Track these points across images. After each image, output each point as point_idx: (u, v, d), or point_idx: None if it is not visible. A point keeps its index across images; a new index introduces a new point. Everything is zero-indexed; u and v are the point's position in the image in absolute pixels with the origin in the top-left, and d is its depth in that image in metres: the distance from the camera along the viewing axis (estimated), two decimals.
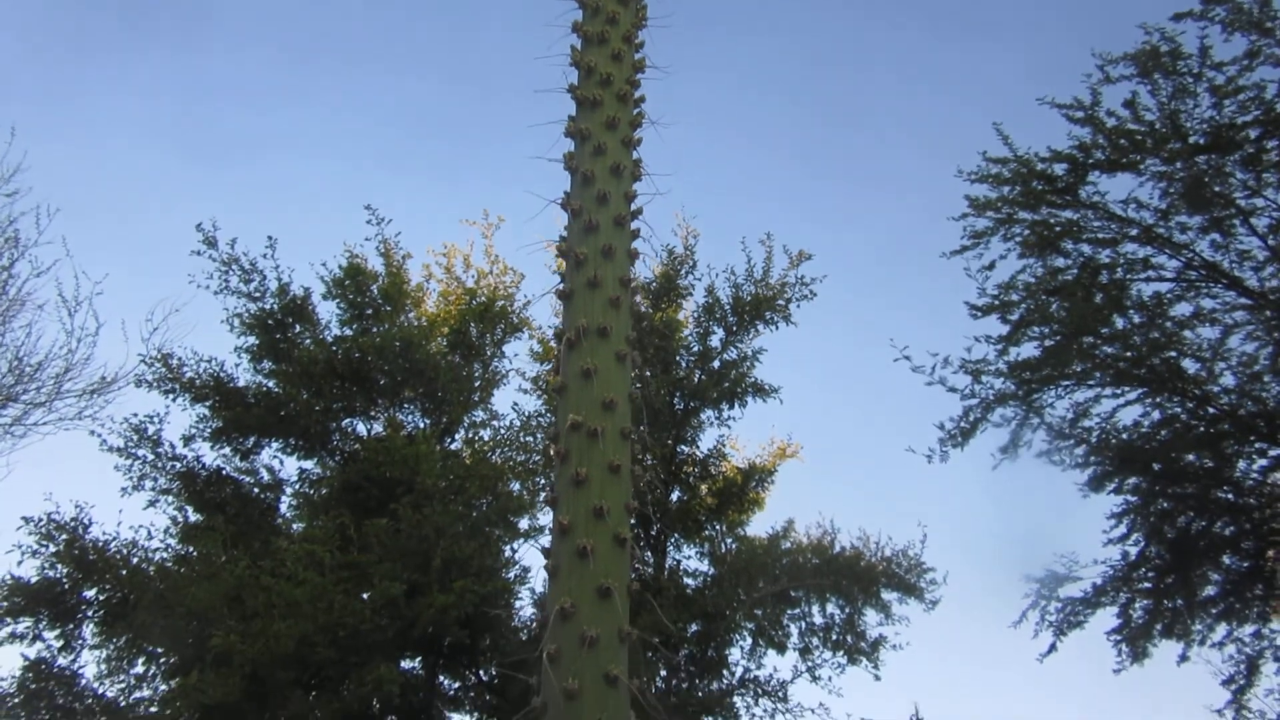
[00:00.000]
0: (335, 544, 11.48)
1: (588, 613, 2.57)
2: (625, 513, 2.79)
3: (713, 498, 15.22)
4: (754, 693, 14.46)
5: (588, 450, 2.81)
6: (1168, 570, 11.66)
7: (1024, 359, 11.31)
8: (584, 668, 2.49)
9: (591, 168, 3.44)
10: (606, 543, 2.67)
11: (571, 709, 2.40)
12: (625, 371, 2.99)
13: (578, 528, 2.69)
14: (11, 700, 12.45)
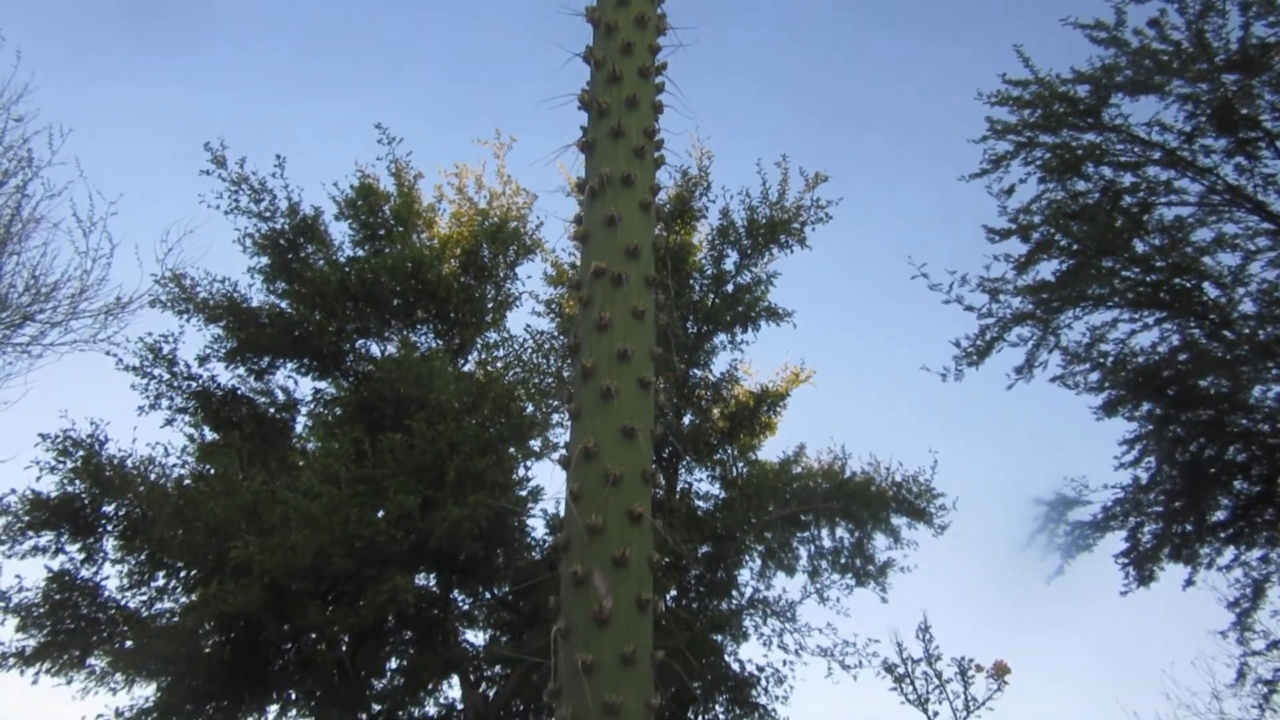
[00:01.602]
0: (350, 459, 11.58)
1: (611, 452, 2.55)
2: (649, 358, 2.76)
3: (725, 421, 15.27)
4: (763, 613, 14.69)
5: (611, 296, 2.76)
6: (1178, 494, 11.69)
7: (1042, 280, 11.21)
8: (607, 503, 2.49)
9: (615, 18, 3.30)
10: (630, 385, 2.64)
11: (596, 543, 2.40)
12: (649, 220, 2.93)
13: (601, 370, 2.65)
14: (37, 610, 12.75)
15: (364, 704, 14.00)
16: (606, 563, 2.38)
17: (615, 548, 2.37)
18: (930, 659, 7.45)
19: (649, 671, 2.26)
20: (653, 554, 2.55)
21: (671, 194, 14.97)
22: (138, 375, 14.49)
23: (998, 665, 6.93)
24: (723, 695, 14.08)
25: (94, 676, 12.61)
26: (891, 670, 7.91)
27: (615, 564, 2.36)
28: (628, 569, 2.39)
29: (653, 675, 2.27)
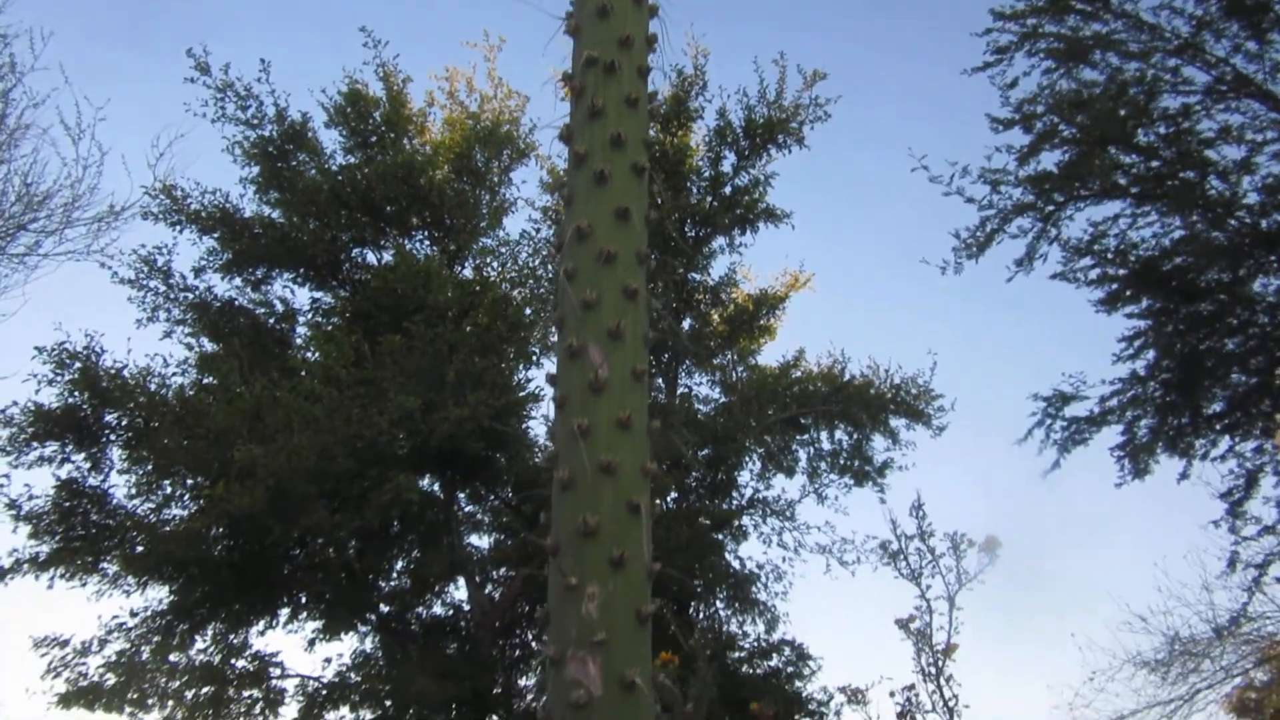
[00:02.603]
0: (350, 361, 11.60)
1: (604, 234, 2.52)
2: (642, 146, 2.70)
3: (724, 325, 15.27)
4: (762, 513, 14.90)
5: (604, 84, 2.69)
6: (1175, 386, 11.74)
7: (1044, 170, 11.06)
8: (601, 280, 2.47)
9: None
10: (623, 170, 2.59)
11: (590, 317, 2.39)
12: (642, 11, 2.82)
13: (594, 156, 2.60)
14: (48, 518, 12.92)
15: (372, 606, 14.31)
16: (601, 336, 2.38)
17: (609, 321, 2.36)
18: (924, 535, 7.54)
19: (645, 439, 2.27)
20: (647, 331, 2.53)
21: (667, 94, 14.70)
22: (134, 288, 14.45)
23: (989, 539, 7.01)
24: (723, 592, 14.38)
25: (107, 580, 12.85)
26: (886, 547, 8.03)
27: (610, 337, 2.35)
28: (622, 341, 2.39)
29: (649, 444, 2.28)
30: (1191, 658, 14.19)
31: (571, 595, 1.95)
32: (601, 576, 1.97)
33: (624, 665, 1.76)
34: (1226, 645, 14.32)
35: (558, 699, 1.79)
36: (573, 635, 1.84)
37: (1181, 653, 14.29)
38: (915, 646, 6.76)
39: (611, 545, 2.01)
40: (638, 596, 1.99)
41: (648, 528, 2.11)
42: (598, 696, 1.73)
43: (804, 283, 16.05)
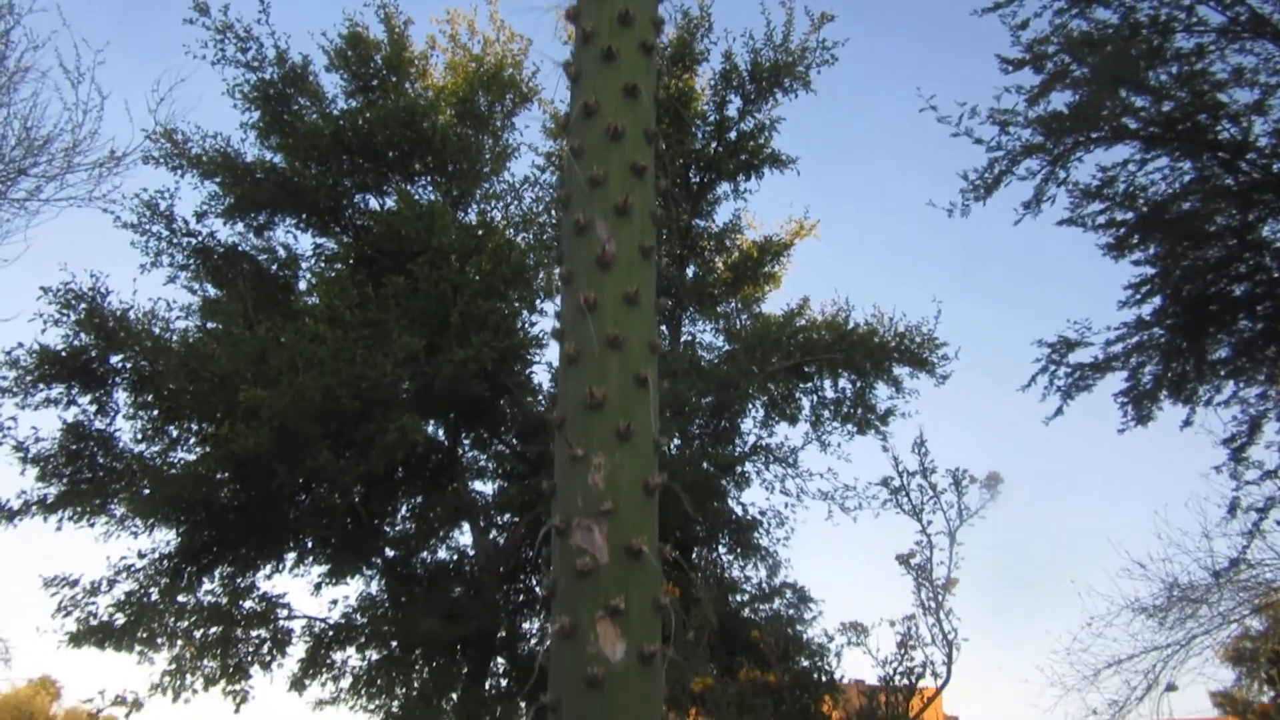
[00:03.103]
0: (354, 303, 11.58)
1: (612, 110, 2.46)
2: (650, 24, 2.63)
3: (728, 273, 15.20)
4: (765, 459, 14.96)
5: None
6: (1181, 331, 11.70)
7: (1054, 111, 10.91)
8: (609, 156, 2.43)
9: None
10: (632, 48, 2.52)
11: (598, 194, 2.36)
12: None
13: (601, 33, 2.50)
14: (55, 460, 13.01)
15: (377, 550, 14.45)
16: (609, 212, 2.35)
17: (617, 197, 2.33)
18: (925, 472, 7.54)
19: (653, 315, 2.26)
20: (655, 208, 2.51)
21: (672, 37, 14.49)
22: (136, 232, 14.42)
23: (991, 475, 7.01)
24: (725, 538, 14.49)
25: (114, 521, 12.98)
26: (887, 483, 8.05)
27: (617, 213, 2.33)
28: (630, 218, 2.36)
29: (656, 320, 2.27)
30: (1189, 604, 14.31)
31: (578, 466, 1.94)
32: (608, 448, 1.97)
33: (631, 534, 1.77)
34: (1224, 592, 14.43)
35: (563, 568, 1.80)
36: (579, 505, 1.84)
37: (1180, 599, 14.41)
38: (915, 581, 6.78)
39: (618, 417, 2.00)
40: (645, 468, 1.99)
41: (655, 402, 2.10)
42: (603, 564, 1.74)
43: (809, 230, 15.95)
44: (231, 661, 12.67)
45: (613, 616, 1.67)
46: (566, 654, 1.66)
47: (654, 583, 1.78)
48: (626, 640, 1.65)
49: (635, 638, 1.66)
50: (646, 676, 1.65)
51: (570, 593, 1.72)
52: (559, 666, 1.69)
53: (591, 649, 1.63)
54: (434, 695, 11.65)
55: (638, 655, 1.64)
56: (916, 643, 6.55)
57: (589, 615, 1.67)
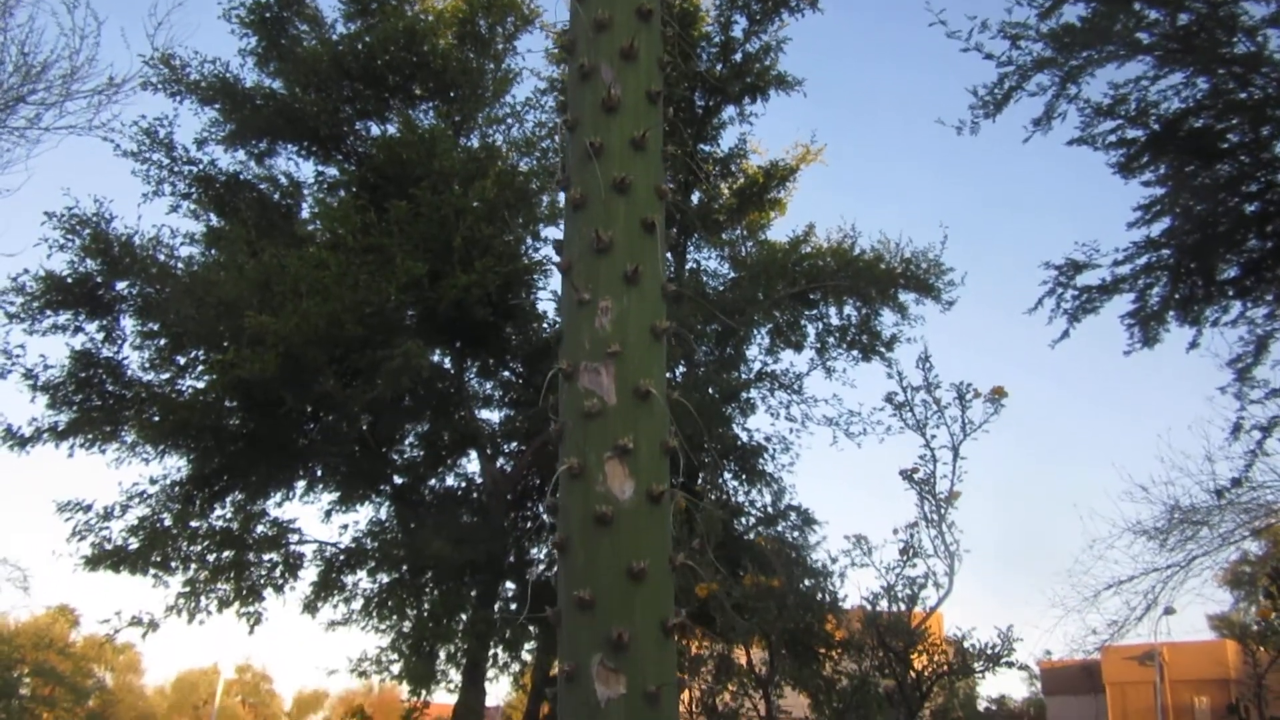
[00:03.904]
0: (357, 228, 11.52)
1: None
2: None
3: (734, 198, 15.06)
4: (770, 386, 15.00)
5: None
6: (1189, 250, 11.59)
7: (1067, 24, 10.66)
8: (614, 0, 2.38)
9: None
10: None
11: (603, 38, 2.32)
12: None
13: None
14: (65, 388, 13.10)
15: (386, 478, 14.61)
16: (614, 56, 2.29)
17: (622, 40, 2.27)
18: (930, 387, 7.53)
19: (659, 161, 2.23)
20: (661, 54, 2.45)
21: None
22: (137, 161, 14.31)
23: (995, 390, 7.02)
24: (730, 464, 14.60)
25: (125, 447, 13.13)
26: (892, 399, 8.06)
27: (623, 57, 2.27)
28: (636, 62, 2.30)
29: (663, 167, 2.24)
30: (1190, 525, 14.46)
31: (584, 310, 1.93)
32: (615, 292, 1.95)
33: (638, 376, 1.76)
34: (1225, 514, 14.57)
35: (571, 410, 1.79)
36: (585, 349, 1.83)
37: (1181, 521, 14.55)
38: (919, 495, 6.82)
39: (625, 260, 1.98)
40: (653, 312, 1.97)
41: (662, 247, 2.08)
42: (611, 405, 1.73)
43: (815, 155, 15.74)
44: (245, 585, 12.91)
45: (621, 456, 1.67)
46: (575, 493, 1.67)
47: (661, 425, 1.78)
48: (635, 480, 1.65)
49: (644, 477, 1.66)
50: (655, 515, 1.66)
51: (578, 434, 1.72)
52: (567, 506, 1.70)
53: (600, 488, 1.64)
54: (444, 616, 11.87)
55: (646, 494, 1.65)
56: (919, 554, 6.62)
57: (597, 455, 1.68)
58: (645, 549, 1.57)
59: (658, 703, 1.50)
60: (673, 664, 1.56)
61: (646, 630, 1.53)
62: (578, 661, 1.52)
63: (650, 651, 1.52)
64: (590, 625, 1.53)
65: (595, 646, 1.52)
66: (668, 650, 1.56)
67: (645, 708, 1.49)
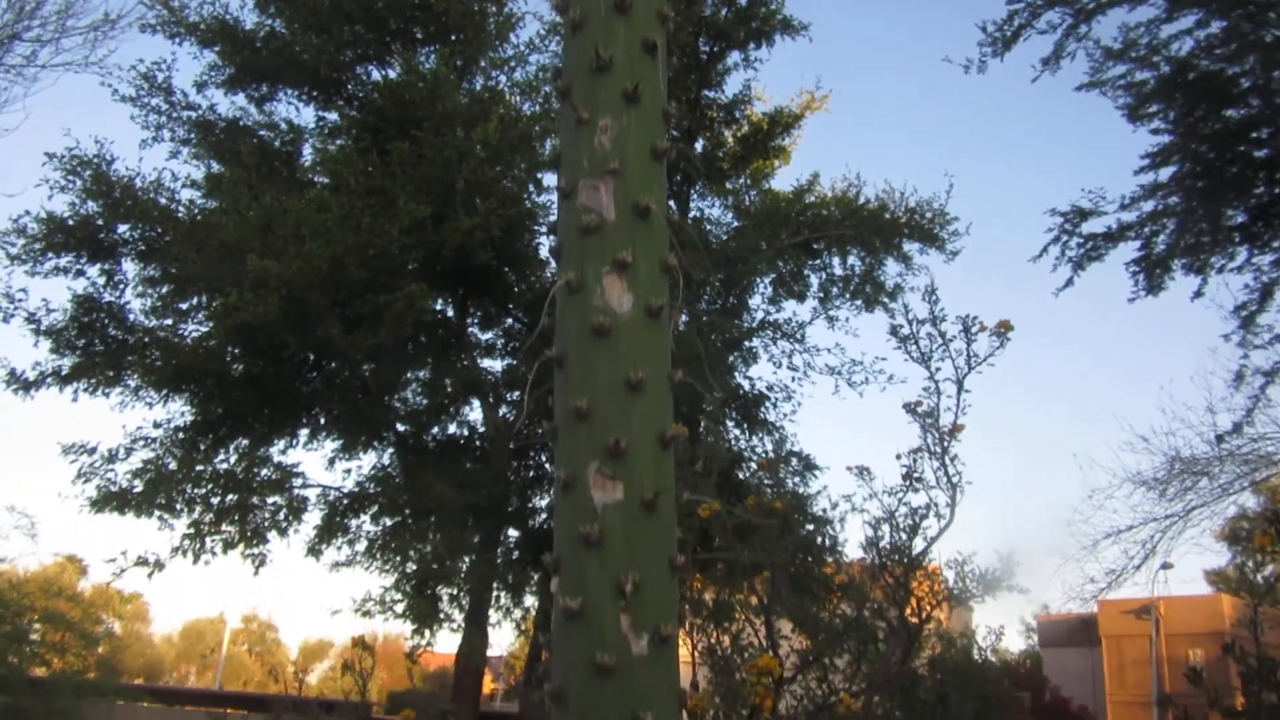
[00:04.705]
0: (359, 170, 11.44)
1: None
2: None
3: (737, 145, 14.94)
4: (773, 335, 14.98)
5: None
6: (1197, 195, 11.50)
7: None
8: None
9: None
10: None
11: None
12: None
13: None
14: (68, 333, 13.12)
15: (389, 425, 14.65)
16: None
17: None
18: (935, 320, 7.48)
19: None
20: None
21: None
22: (135, 105, 14.19)
23: (1001, 323, 6.95)
24: (732, 412, 14.63)
25: (129, 391, 13.17)
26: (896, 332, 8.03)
27: None
28: None
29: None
30: (1190, 476, 14.50)
31: (583, 129, 1.88)
32: (614, 111, 1.91)
33: (637, 193, 1.74)
34: (1226, 465, 14.60)
35: (568, 228, 1.77)
36: (584, 167, 1.79)
37: (1181, 471, 14.59)
38: (921, 428, 6.82)
39: (625, 80, 1.94)
40: (653, 132, 1.93)
41: (663, 71, 2.04)
42: (610, 221, 1.71)
43: (820, 103, 15.58)
44: (249, 527, 13.00)
45: (619, 270, 1.65)
46: (572, 308, 1.66)
47: (661, 242, 1.75)
48: (633, 294, 1.63)
49: (643, 292, 1.64)
50: (653, 329, 1.65)
51: (575, 250, 1.70)
52: (565, 321, 1.68)
53: (598, 301, 1.62)
54: (446, 558, 11.97)
55: (645, 309, 1.63)
56: (921, 482, 6.64)
57: (595, 270, 1.66)
58: (643, 361, 1.56)
59: (655, 509, 1.49)
60: (670, 474, 1.55)
61: (644, 439, 1.52)
62: (574, 471, 1.51)
63: (648, 460, 1.51)
64: (587, 434, 1.52)
65: (592, 455, 1.51)
66: (665, 460, 1.55)
67: (643, 514, 1.48)
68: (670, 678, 1.52)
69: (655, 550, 1.53)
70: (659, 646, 1.50)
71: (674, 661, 1.52)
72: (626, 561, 1.50)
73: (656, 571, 1.52)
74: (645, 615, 1.48)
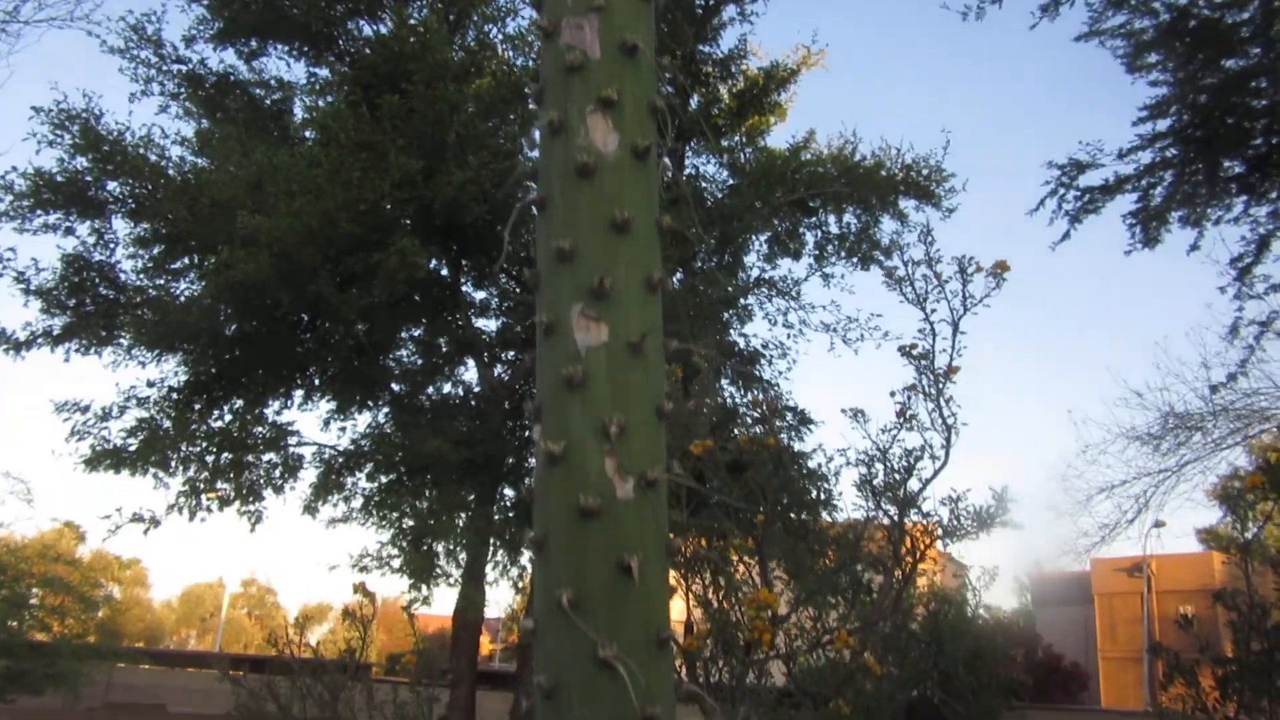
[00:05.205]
0: (349, 124, 11.31)
1: None
2: None
3: (734, 101, 14.79)
4: (768, 293, 14.93)
5: None
6: (1195, 144, 11.42)
7: None
8: None
9: None
10: None
11: None
12: None
13: None
14: (58, 292, 13.01)
15: (383, 384, 14.63)
16: None
17: None
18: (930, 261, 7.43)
19: None
20: None
21: None
22: (124, 58, 14.02)
23: (997, 263, 6.91)
24: (727, 370, 14.60)
25: (121, 350, 13.10)
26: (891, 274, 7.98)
27: None
28: None
29: None
30: (1184, 430, 14.55)
31: None
32: None
33: (623, 30, 1.65)
34: (1219, 419, 14.64)
35: (551, 67, 1.68)
36: (568, 4, 1.70)
37: (1175, 426, 14.64)
38: (917, 370, 6.78)
39: None
40: None
41: None
42: (594, 59, 1.64)
43: (816, 59, 15.40)
44: (244, 484, 13.00)
45: (604, 109, 1.59)
46: (555, 149, 1.60)
47: (649, 84, 1.68)
48: (619, 134, 1.58)
49: (629, 133, 1.58)
50: (640, 170, 1.59)
51: (559, 89, 1.63)
52: (548, 162, 1.62)
53: (581, 141, 1.56)
54: (443, 514, 11.98)
55: (631, 149, 1.58)
56: (915, 425, 6.61)
57: (579, 110, 1.59)
58: (629, 201, 1.52)
59: (641, 352, 1.45)
60: (658, 319, 1.51)
61: (630, 282, 1.48)
62: (556, 315, 1.47)
63: (634, 303, 1.47)
64: (571, 276, 1.48)
65: (576, 298, 1.47)
66: (652, 305, 1.52)
67: (628, 357, 1.45)
68: (657, 523, 1.49)
69: (641, 395, 1.49)
70: (645, 491, 1.46)
71: (661, 508, 1.49)
72: (611, 404, 1.46)
73: (643, 416, 1.49)
74: (631, 459, 1.45)
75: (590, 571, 1.39)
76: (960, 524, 6.34)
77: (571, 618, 1.40)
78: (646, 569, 1.39)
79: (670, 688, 1.49)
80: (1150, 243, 12.36)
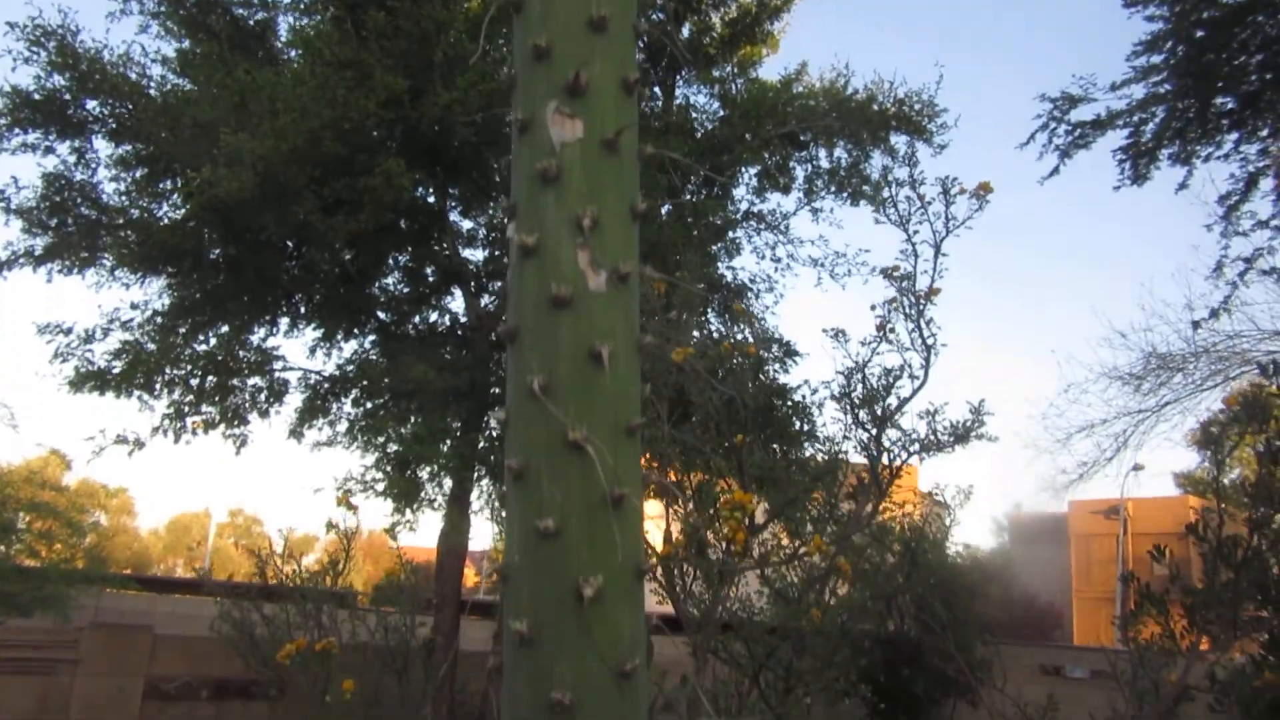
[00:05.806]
0: (334, 40, 11.11)
1: None
2: None
3: (726, 29, 14.58)
4: (756, 226, 14.89)
5: None
6: (1188, 78, 11.39)
7: None
8: None
9: None
10: None
11: None
12: None
13: None
14: (38, 212, 12.86)
15: (369, 311, 14.58)
16: None
17: None
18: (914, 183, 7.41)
19: None
20: None
21: None
22: None
23: (981, 185, 6.90)
24: (714, 303, 14.61)
25: (104, 271, 13.00)
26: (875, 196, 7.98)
27: None
28: None
29: None
30: (1166, 370, 14.71)
31: None
32: None
33: None
34: (1200, 360, 14.79)
35: None
36: None
37: (1157, 366, 14.79)
38: (898, 292, 6.81)
39: None
40: None
41: None
42: None
43: None
44: (230, 408, 13.02)
45: None
46: None
47: None
48: None
49: None
50: None
51: None
52: None
53: None
54: (428, 439, 12.04)
55: None
56: (895, 343, 6.64)
57: None
58: (609, 9, 1.51)
59: (616, 150, 1.46)
60: (635, 120, 1.52)
61: (607, 80, 1.48)
62: (532, 113, 1.47)
63: (609, 100, 1.48)
64: (547, 73, 1.48)
65: (551, 95, 1.47)
66: (629, 105, 1.52)
67: (603, 153, 1.46)
68: (629, 317, 1.52)
69: (616, 190, 1.51)
70: (617, 285, 1.48)
71: (633, 302, 1.51)
72: (585, 198, 1.48)
73: (616, 212, 1.50)
74: (604, 253, 1.47)
75: (561, 359, 1.43)
76: (937, 437, 6.43)
77: (543, 402, 1.44)
78: (616, 360, 1.42)
79: (637, 475, 1.52)
80: (1140, 179, 12.39)
